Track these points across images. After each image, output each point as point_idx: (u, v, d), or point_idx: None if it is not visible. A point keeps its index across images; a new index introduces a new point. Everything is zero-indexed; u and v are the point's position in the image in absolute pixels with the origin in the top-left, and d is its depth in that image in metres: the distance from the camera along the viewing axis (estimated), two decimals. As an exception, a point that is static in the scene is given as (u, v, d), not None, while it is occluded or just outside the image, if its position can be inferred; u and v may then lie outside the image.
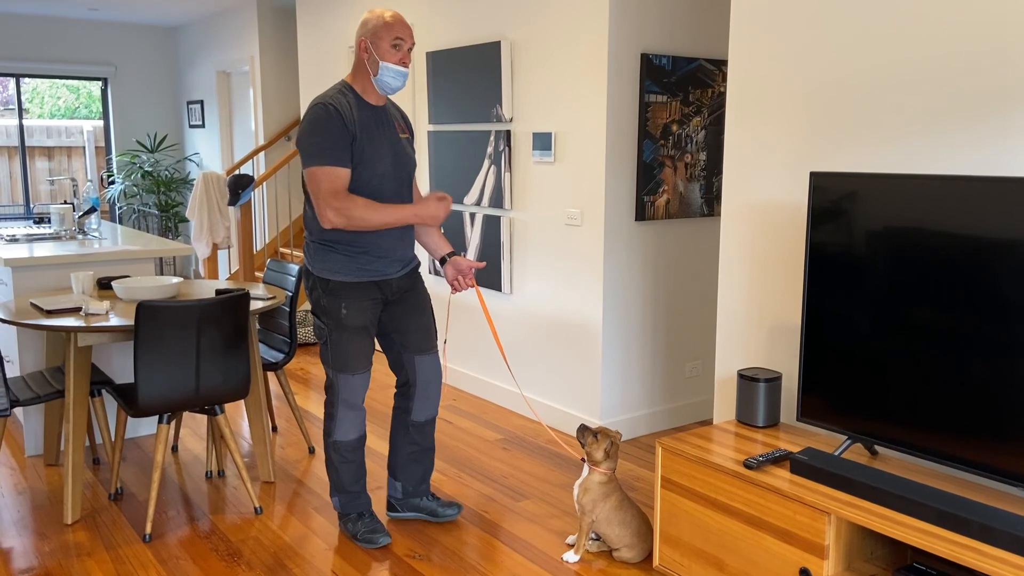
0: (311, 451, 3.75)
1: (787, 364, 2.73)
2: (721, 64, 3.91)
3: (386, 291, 2.74)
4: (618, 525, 2.67)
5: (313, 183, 2.53)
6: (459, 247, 4.53)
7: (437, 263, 2.80)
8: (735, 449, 2.42)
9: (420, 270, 2.81)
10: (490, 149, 4.25)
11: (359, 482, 2.86)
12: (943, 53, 2.23)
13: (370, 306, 2.70)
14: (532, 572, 2.68)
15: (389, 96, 2.74)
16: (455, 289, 2.87)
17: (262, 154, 7.01)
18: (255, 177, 6.37)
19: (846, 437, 2.35)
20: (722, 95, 3.95)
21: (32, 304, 3.24)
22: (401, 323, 2.81)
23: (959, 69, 2.20)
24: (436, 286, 4.83)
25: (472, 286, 2.86)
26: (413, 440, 2.95)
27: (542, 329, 4.09)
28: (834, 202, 2.29)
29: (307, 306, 6.29)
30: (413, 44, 2.62)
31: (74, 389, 2.99)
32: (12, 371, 3.83)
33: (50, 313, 3.06)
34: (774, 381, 2.57)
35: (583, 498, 2.70)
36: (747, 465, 2.26)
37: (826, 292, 2.33)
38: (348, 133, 2.53)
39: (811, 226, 2.36)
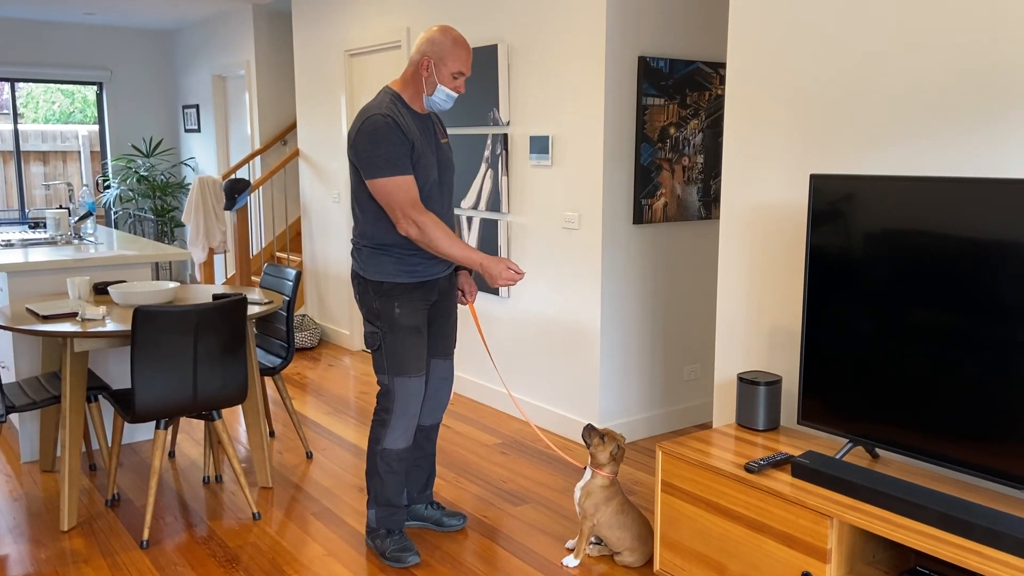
0: (309, 456, 3.74)
1: (787, 367, 2.73)
2: (719, 67, 3.91)
3: (432, 293, 2.73)
4: (620, 529, 2.66)
5: (385, 195, 2.53)
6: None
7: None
8: (736, 453, 2.42)
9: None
10: (487, 152, 4.24)
11: (401, 495, 2.77)
12: (942, 55, 2.23)
13: (422, 306, 2.69)
14: (532, 577, 2.67)
15: None
16: (461, 301, 2.92)
17: (258, 158, 6.99)
18: (251, 181, 6.36)
19: (847, 440, 2.34)
20: (720, 98, 3.95)
21: (28, 309, 3.22)
22: (433, 325, 2.83)
23: (957, 71, 2.20)
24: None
25: (468, 304, 2.91)
26: (419, 444, 2.93)
27: (540, 333, 4.08)
28: (834, 204, 2.29)
29: (304, 310, 6.27)
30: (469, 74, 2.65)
31: (71, 395, 2.97)
32: (8, 377, 3.81)
33: (46, 318, 3.04)
34: (774, 384, 2.56)
35: (585, 502, 2.68)
36: (748, 469, 2.25)
37: (826, 294, 2.32)
38: (407, 142, 2.54)
39: (811, 228, 2.35)
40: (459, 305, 2.84)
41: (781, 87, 2.66)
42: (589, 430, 2.70)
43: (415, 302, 2.67)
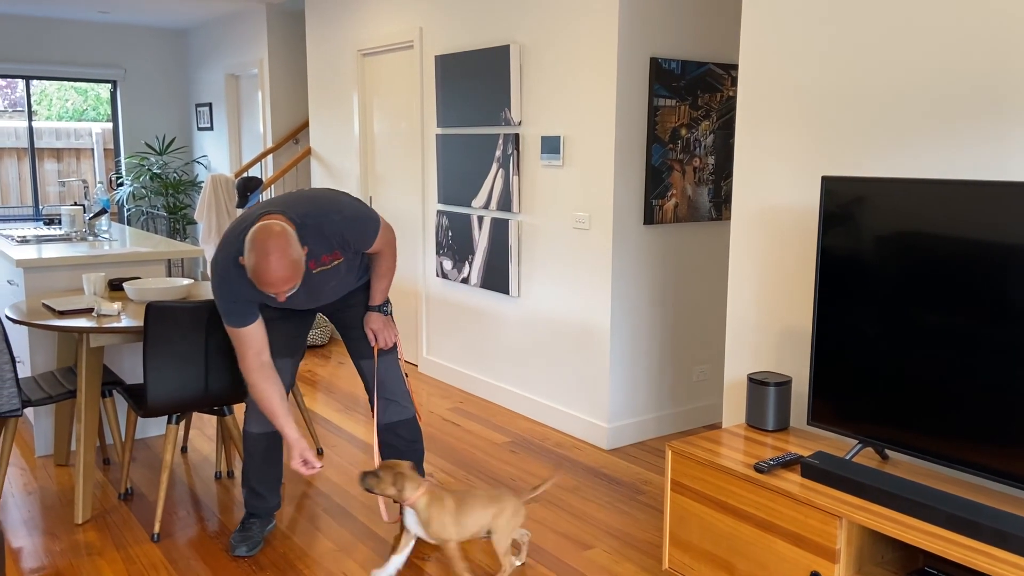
0: (319, 452, 3.76)
1: (797, 368, 2.73)
2: (730, 68, 3.92)
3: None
4: (472, 517, 2.55)
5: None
6: (467, 251, 4.54)
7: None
8: (745, 453, 2.42)
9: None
10: (498, 152, 4.26)
11: (260, 481, 2.81)
12: (956, 58, 2.24)
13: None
14: (541, 575, 2.68)
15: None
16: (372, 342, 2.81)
17: (270, 157, 7.03)
18: (263, 180, 6.39)
19: (857, 441, 2.35)
20: (731, 99, 3.96)
21: (44, 305, 3.25)
22: (346, 329, 2.85)
23: (972, 73, 2.21)
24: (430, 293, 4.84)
25: (384, 347, 2.79)
26: (388, 442, 2.89)
27: (549, 333, 4.10)
28: (846, 206, 2.30)
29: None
30: (292, 286, 2.36)
31: (86, 390, 3.01)
32: (23, 372, 3.85)
33: (62, 314, 3.07)
34: (784, 385, 2.57)
35: (435, 532, 2.52)
36: (758, 469, 2.26)
37: (837, 296, 2.33)
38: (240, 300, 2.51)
39: (822, 230, 2.36)
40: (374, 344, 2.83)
41: (793, 89, 2.67)
42: (362, 478, 2.53)
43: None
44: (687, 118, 3.82)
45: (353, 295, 2.83)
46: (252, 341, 2.52)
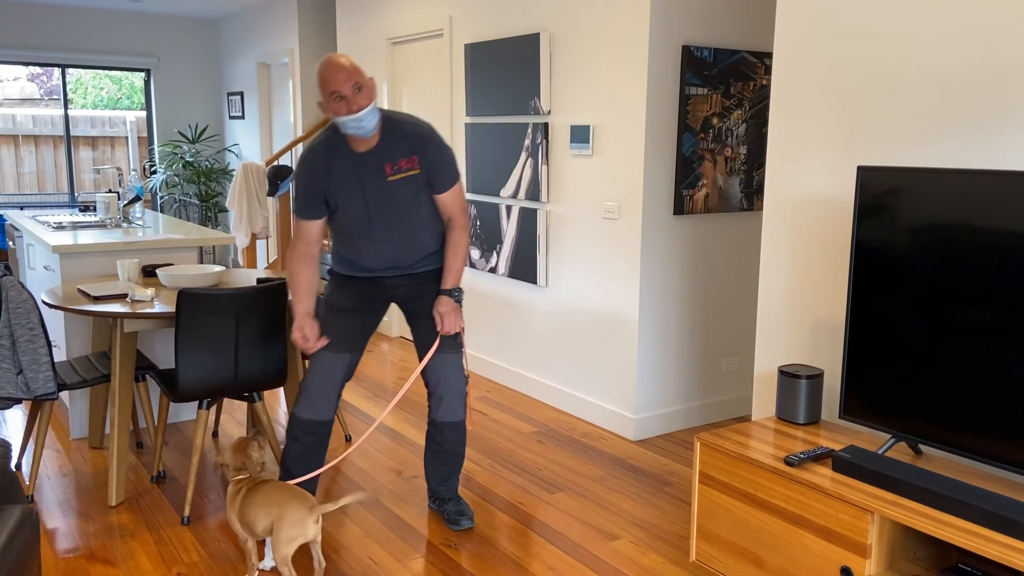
0: (347, 439, 3.79)
1: (828, 361, 2.70)
2: (764, 57, 3.86)
3: (373, 286, 2.83)
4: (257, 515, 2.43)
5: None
6: (495, 240, 4.54)
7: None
8: (775, 446, 2.40)
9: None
10: (527, 142, 4.25)
11: (299, 465, 2.82)
12: (1001, 44, 2.18)
13: (352, 294, 2.82)
14: (568, 564, 2.69)
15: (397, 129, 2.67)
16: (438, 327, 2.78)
17: (300, 145, 7.07)
18: (294, 168, 6.43)
19: (890, 436, 2.31)
20: (764, 88, 3.90)
21: (79, 290, 3.30)
22: (415, 323, 2.87)
23: (1018, 61, 2.15)
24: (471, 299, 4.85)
25: (447, 333, 2.76)
26: (433, 438, 2.92)
27: (577, 323, 4.08)
28: (881, 197, 2.26)
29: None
30: (357, 82, 2.50)
31: (120, 374, 3.05)
32: (59, 356, 3.92)
33: (97, 299, 3.12)
34: (816, 378, 2.54)
35: (229, 521, 2.49)
36: (788, 462, 2.23)
37: (871, 288, 2.29)
38: (316, 188, 2.67)
39: (857, 221, 2.32)
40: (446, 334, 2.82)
41: (828, 77, 2.62)
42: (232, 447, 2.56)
43: (348, 290, 2.82)
44: (719, 107, 3.78)
45: (424, 284, 2.83)
46: (307, 233, 2.71)
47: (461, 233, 2.77)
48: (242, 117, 8.33)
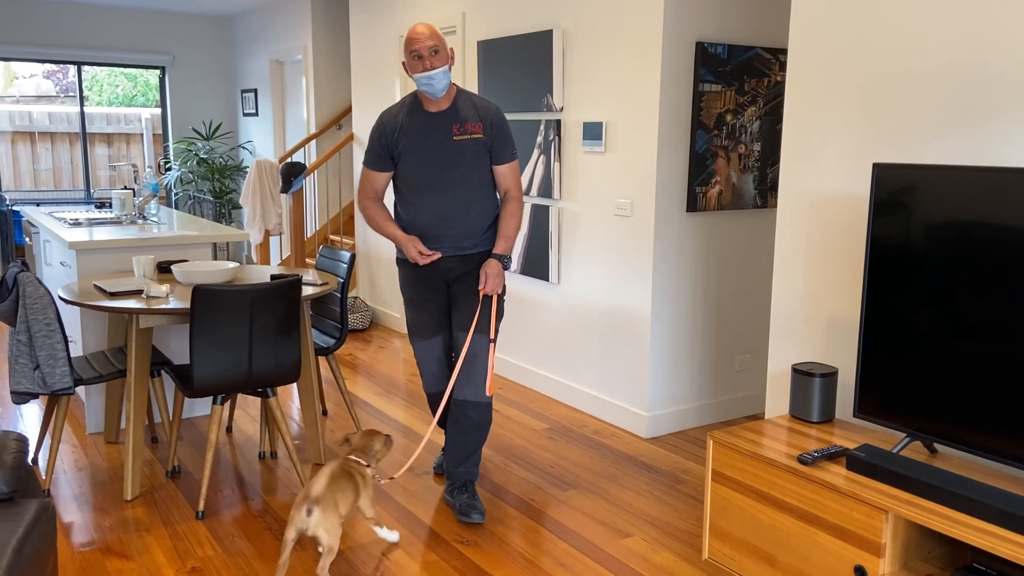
0: (360, 435, 3.80)
1: (842, 359, 2.68)
2: (778, 53, 3.84)
3: (434, 271, 3.02)
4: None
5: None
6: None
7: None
8: (788, 444, 2.39)
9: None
10: (540, 138, 4.24)
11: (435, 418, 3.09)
12: (1016, 40, 2.16)
13: (417, 283, 3.05)
14: (580, 561, 2.69)
15: (463, 98, 2.96)
16: (481, 288, 2.93)
17: (313, 142, 7.10)
18: (307, 165, 6.46)
19: (905, 434, 2.30)
20: (779, 84, 3.89)
21: (96, 286, 3.33)
22: (455, 303, 3.04)
23: (1032, 58, 2.13)
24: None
25: (488, 293, 2.91)
26: (455, 417, 2.98)
27: (590, 320, 4.08)
28: (897, 194, 2.24)
29: (356, 293, 6.37)
30: (434, 45, 2.81)
31: (135, 369, 3.08)
32: (75, 351, 3.96)
33: (113, 295, 3.14)
34: (830, 376, 2.53)
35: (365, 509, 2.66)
36: (802, 460, 2.22)
37: (887, 286, 2.28)
38: (387, 141, 2.95)
39: (872, 219, 2.31)
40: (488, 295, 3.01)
41: (843, 74, 2.61)
42: (346, 438, 2.78)
43: (411, 277, 3.06)
44: (733, 104, 3.76)
45: (474, 265, 3.01)
46: (373, 183, 3.01)
47: (516, 204, 3.00)
48: (256, 114, 8.36)
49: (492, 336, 2.94)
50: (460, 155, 2.91)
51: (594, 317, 4.06)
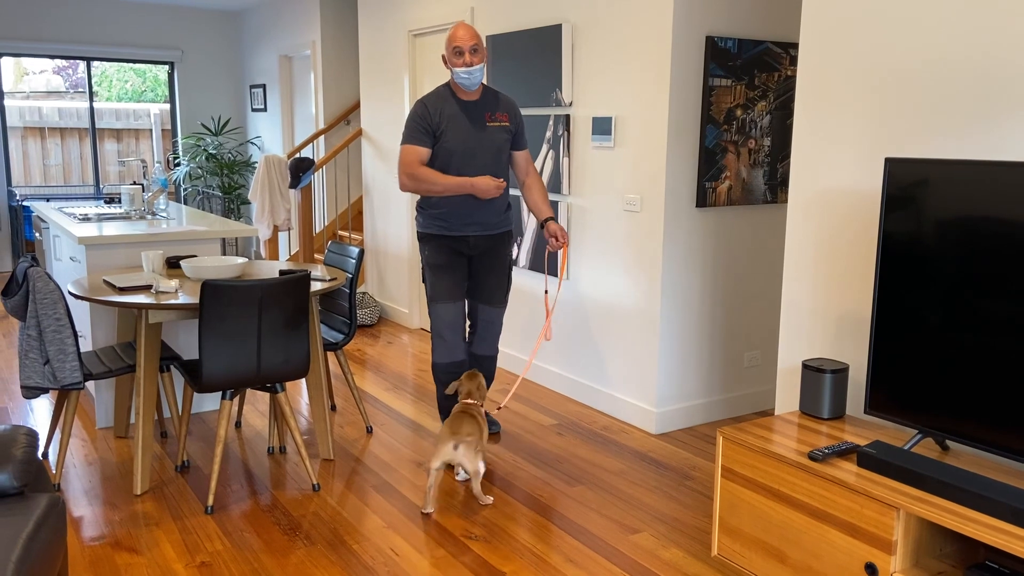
0: (369, 431, 3.81)
1: (853, 355, 2.67)
2: (789, 47, 3.82)
3: (461, 244, 3.42)
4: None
5: (399, 157, 3.35)
6: (517, 231, 4.53)
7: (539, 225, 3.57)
8: (799, 440, 2.38)
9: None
10: (549, 134, 4.23)
11: (445, 408, 3.58)
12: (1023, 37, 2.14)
13: (447, 251, 3.41)
14: (588, 557, 2.68)
15: (493, 92, 3.44)
16: (551, 247, 3.43)
17: (322, 138, 7.10)
18: (315, 160, 6.46)
19: (916, 431, 2.29)
20: (789, 79, 3.86)
21: (105, 281, 3.34)
22: (475, 278, 3.49)
23: (1047, 51, 2.11)
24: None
25: (561, 247, 3.41)
26: (474, 363, 3.60)
27: (598, 315, 4.07)
28: (909, 189, 2.22)
29: (364, 288, 6.37)
30: (475, 45, 3.23)
31: (145, 364, 3.08)
32: (85, 346, 3.97)
33: (123, 290, 3.15)
34: (841, 372, 2.51)
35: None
36: (812, 457, 2.21)
37: (898, 282, 2.26)
38: (429, 122, 3.31)
39: (884, 214, 2.29)
40: (555, 251, 3.68)
41: (855, 68, 2.59)
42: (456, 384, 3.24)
43: (441, 247, 3.41)
44: (743, 98, 3.74)
45: (497, 241, 3.47)
46: (415, 155, 3.31)
47: (538, 178, 3.55)
48: (264, 109, 8.37)
49: (559, 283, 3.94)
50: (492, 140, 3.37)
51: (603, 312, 4.05)
